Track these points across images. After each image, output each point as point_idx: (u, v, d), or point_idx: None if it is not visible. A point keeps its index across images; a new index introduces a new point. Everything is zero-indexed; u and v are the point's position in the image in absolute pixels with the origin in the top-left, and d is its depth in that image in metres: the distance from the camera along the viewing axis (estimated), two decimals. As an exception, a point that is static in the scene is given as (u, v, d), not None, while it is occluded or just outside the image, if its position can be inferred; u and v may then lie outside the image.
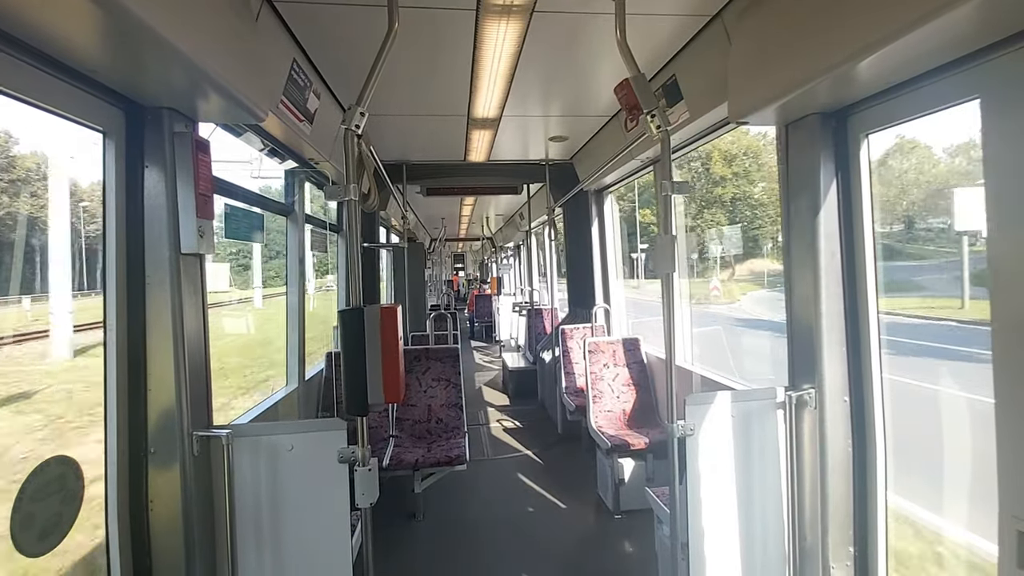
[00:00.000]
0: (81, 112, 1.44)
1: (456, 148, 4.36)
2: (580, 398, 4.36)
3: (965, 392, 4.84)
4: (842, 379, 1.89)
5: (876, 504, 1.86)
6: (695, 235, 18.66)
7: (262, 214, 2.71)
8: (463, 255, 20.85)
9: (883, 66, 1.45)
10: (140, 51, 1.30)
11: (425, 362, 3.94)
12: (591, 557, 2.94)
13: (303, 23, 2.11)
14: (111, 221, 1.58)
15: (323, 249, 3.74)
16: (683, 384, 3.23)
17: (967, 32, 1.26)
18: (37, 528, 1.30)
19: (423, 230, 10.18)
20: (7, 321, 8.10)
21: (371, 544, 1.79)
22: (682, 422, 1.87)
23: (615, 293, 4.86)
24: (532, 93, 3.11)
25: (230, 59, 1.57)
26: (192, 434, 1.65)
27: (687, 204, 9.28)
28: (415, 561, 2.96)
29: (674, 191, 1.89)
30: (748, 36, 1.91)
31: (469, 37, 2.31)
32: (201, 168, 1.68)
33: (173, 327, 1.62)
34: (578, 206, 4.96)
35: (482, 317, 12.27)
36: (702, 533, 1.91)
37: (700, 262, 17.19)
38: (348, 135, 1.69)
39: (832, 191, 1.87)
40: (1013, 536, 1.28)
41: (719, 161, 20.36)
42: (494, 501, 3.69)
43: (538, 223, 7.55)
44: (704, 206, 20.56)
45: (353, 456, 1.73)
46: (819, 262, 1.88)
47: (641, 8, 2.02)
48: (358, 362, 1.66)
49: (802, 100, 1.73)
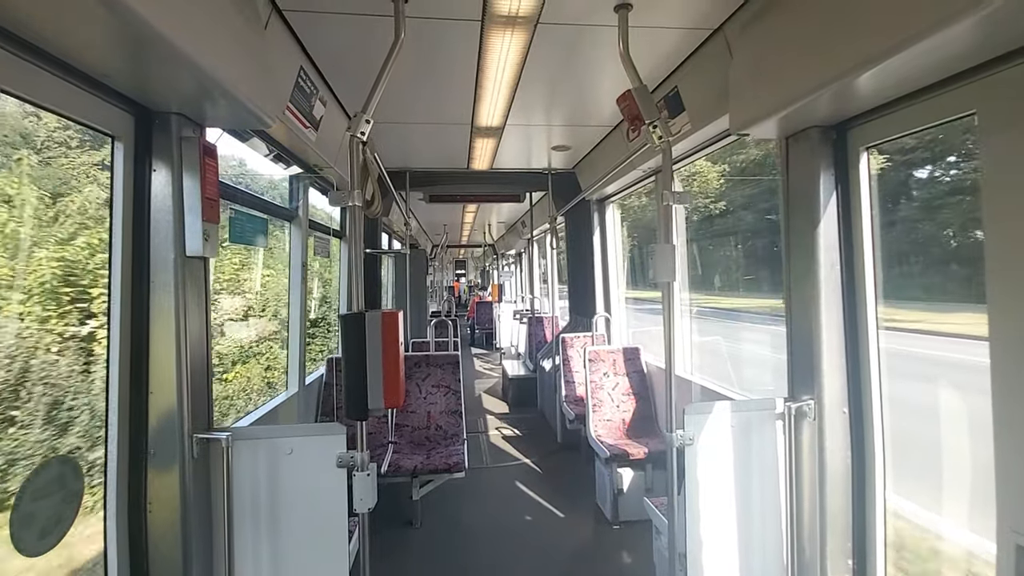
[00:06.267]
0: (91, 116, 1.47)
1: (459, 156, 4.39)
2: (580, 407, 4.35)
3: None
4: (841, 390, 1.89)
5: (875, 516, 1.85)
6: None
7: (266, 219, 2.73)
8: (464, 261, 20.87)
9: (882, 80, 1.47)
10: (151, 57, 1.32)
11: (425, 368, 3.94)
12: (588, 567, 2.92)
13: (311, 31, 2.14)
14: (117, 223, 1.59)
15: (326, 254, 3.76)
16: (683, 394, 3.23)
17: (965, 48, 1.28)
18: (37, 527, 1.31)
19: (425, 237, 10.21)
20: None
21: (368, 550, 1.79)
22: (681, 432, 1.87)
23: (616, 302, 4.87)
24: (535, 103, 3.14)
25: (239, 66, 1.59)
26: (192, 436, 1.65)
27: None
28: (412, 568, 2.94)
29: (675, 201, 1.91)
30: (749, 49, 1.93)
31: (474, 47, 2.34)
32: (208, 172, 1.70)
33: (176, 329, 1.63)
34: (580, 215, 4.98)
35: (483, 324, 12.27)
36: (700, 544, 1.91)
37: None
38: (353, 142, 1.72)
39: (832, 203, 1.88)
40: (1011, 550, 1.28)
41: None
42: (492, 509, 3.68)
43: (540, 231, 7.58)
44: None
45: (352, 461, 1.73)
46: (819, 273, 1.88)
47: (644, 21, 2.05)
48: (359, 366, 1.67)
49: (802, 113, 1.75)
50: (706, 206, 7.05)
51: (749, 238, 6.72)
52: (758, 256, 6.44)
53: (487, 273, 17.55)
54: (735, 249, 7.03)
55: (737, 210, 6.97)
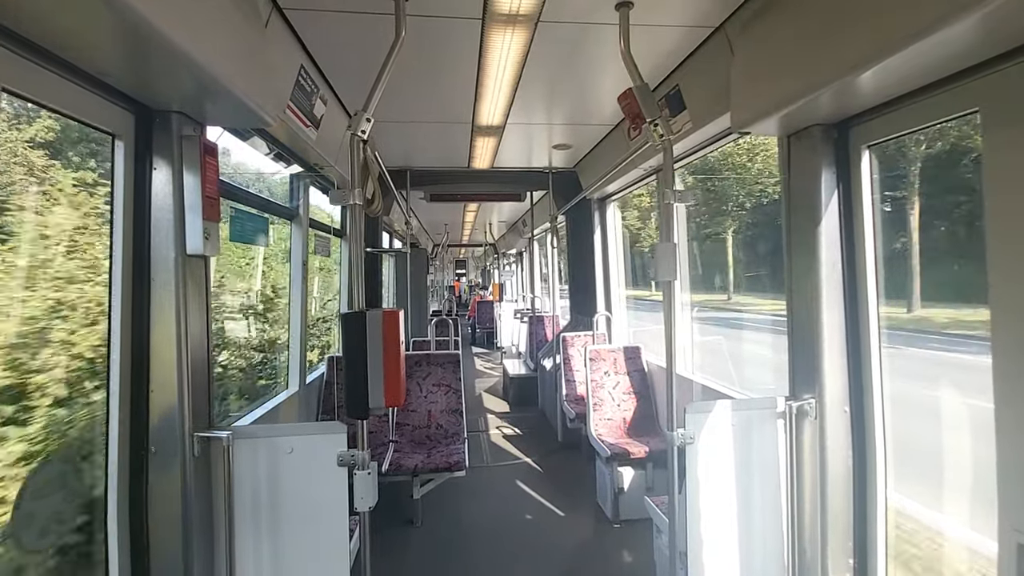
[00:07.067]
0: (92, 114, 1.47)
1: (460, 155, 4.38)
2: (580, 406, 4.35)
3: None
4: (843, 389, 1.89)
5: (876, 515, 1.85)
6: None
7: (267, 218, 2.73)
8: (465, 261, 20.86)
9: (884, 78, 1.47)
10: (151, 56, 1.32)
11: (426, 368, 3.94)
12: (588, 566, 2.92)
13: (311, 30, 2.14)
14: (118, 222, 1.59)
15: (326, 253, 3.76)
16: (684, 393, 3.23)
17: (967, 46, 1.27)
18: (38, 525, 1.31)
19: (426, 236, 10.21)
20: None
21: (368, 548, 1.79)
22: (682, 430, 1.87)
23: (616, 301, 4.87)
24: (536, 101, 3.13)
25: (239, 65, 1.59)
26: (193, 435, 1.65)
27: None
28: (412, 566, 2.94)
29: (676, 200, 1.91)
30: (750, 47, 1.93)
31: (475, 46, 2.34)
32: (208, 171, 1.69)
33: (177, 328, 1.63)
34: (581, 214, 4.98)
35: (483, 323, 12.26)
36: (700, 542, 1.91)
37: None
38: (354, 140, 1.71)
39: (833, 202, 1.88)
40: (1013, 548, 1.28)
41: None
42: (493, 508, 3.68)
43: (541, 230, 7.57)
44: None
45: (353, 460, 1.73)
46: (820, 272, 1.88)
47: (645, 19, 2.05)
48: (359, 365, 1.67)
49: (804, 111, 1.74)
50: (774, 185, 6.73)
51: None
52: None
53: (488, 272, 17.53)
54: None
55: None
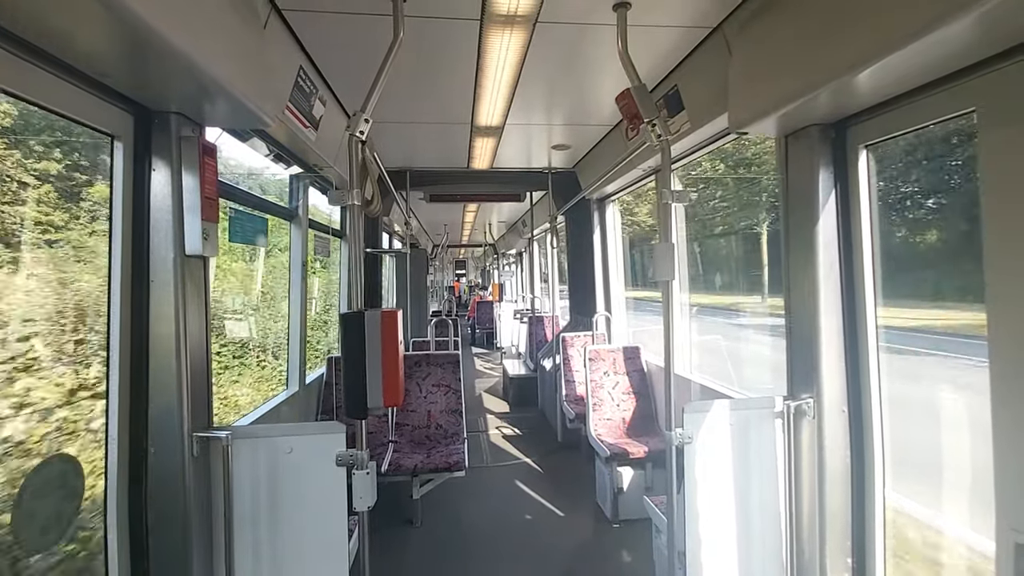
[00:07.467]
0: (90, 115, 1.47)
1: (459, 155, 4.39)
2: (580, 406, 4.35)
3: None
4: (841, 389, 1.89)
5: (874, 515, 1.85)
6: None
7: (266, 218, 2.73)
8: (465, 261, 20.86)
9: (882, 78, 1.47)
10: (150, 58, 1.33)
11: (426, 368, 3.94)
12: (588, 566, 2.92)
13: (310, 31, 2.15)
14: (117, 222, 1.60)
15: (326, 254, 3.76)
16: (682, 393, 3.23)
17: (964, 45, 1.27)
18: (38, 524, 1.31)
19: (426, 236, 10.21)
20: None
21: (368, 548, 1.79)
22: (680, 430, 1.87)
23: (616, 301, 4.87)
24: (535, 102, 3.14)
25: (238, 66, 1.59)
26: (192, 435, 1.66)
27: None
28: (411, 567, 2.94)
29: (674, 200, 1.91)
30: (748, 47, 1.93)
31: (473, 46, 2.34)
32: (207, 171, 1.70)
33: (176, 328, 1.64)
34: (580, 214, 4.98)
35: (483, 324, 12.26)
36: (699, 542, 1.91)
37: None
38: (352, 141, 1.72)
39: (831, 202, 1.88)
40: (1010, 548, 1.28)
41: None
42: (492, 508, 3.68)
43: (540, 231, 7.57)
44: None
45: (352, 460, 1.74)
46: (818, 272, 1.88)
47: (643, 20, 2.05)
48: (358, 365, 1.67)
49: (801, 111, 1.75)
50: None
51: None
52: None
53: (487, 273, 17.54)
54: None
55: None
